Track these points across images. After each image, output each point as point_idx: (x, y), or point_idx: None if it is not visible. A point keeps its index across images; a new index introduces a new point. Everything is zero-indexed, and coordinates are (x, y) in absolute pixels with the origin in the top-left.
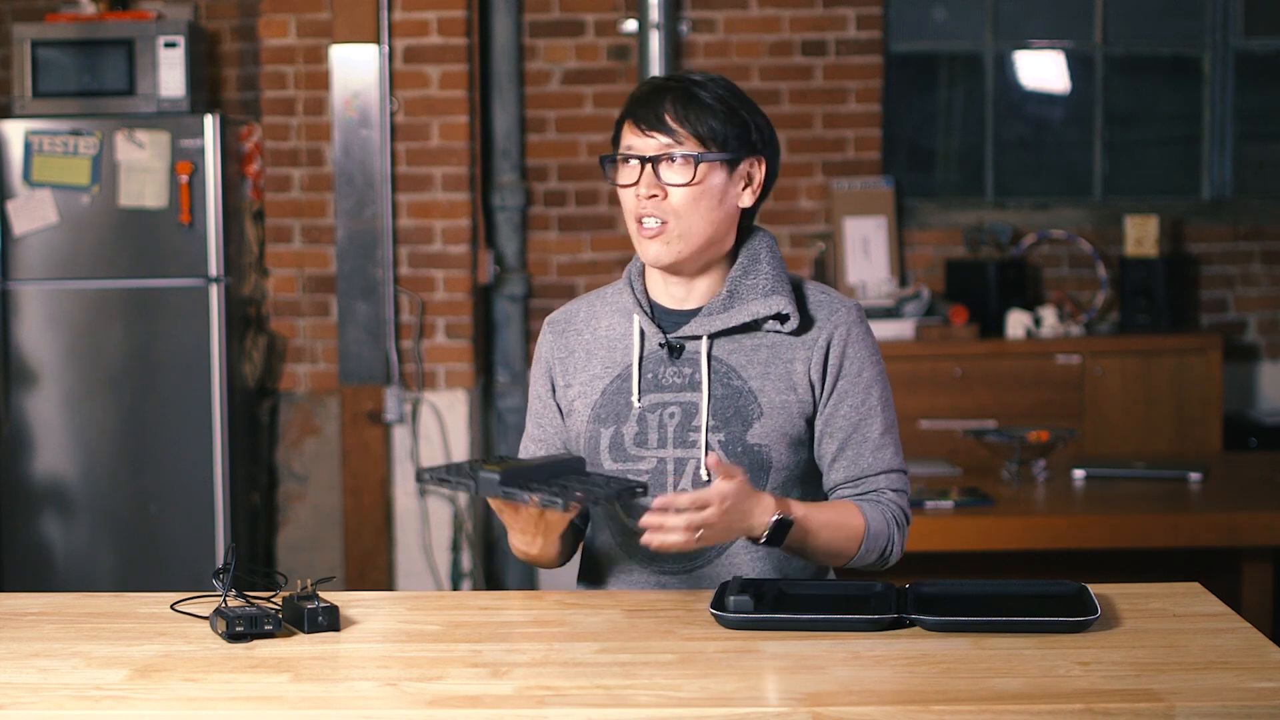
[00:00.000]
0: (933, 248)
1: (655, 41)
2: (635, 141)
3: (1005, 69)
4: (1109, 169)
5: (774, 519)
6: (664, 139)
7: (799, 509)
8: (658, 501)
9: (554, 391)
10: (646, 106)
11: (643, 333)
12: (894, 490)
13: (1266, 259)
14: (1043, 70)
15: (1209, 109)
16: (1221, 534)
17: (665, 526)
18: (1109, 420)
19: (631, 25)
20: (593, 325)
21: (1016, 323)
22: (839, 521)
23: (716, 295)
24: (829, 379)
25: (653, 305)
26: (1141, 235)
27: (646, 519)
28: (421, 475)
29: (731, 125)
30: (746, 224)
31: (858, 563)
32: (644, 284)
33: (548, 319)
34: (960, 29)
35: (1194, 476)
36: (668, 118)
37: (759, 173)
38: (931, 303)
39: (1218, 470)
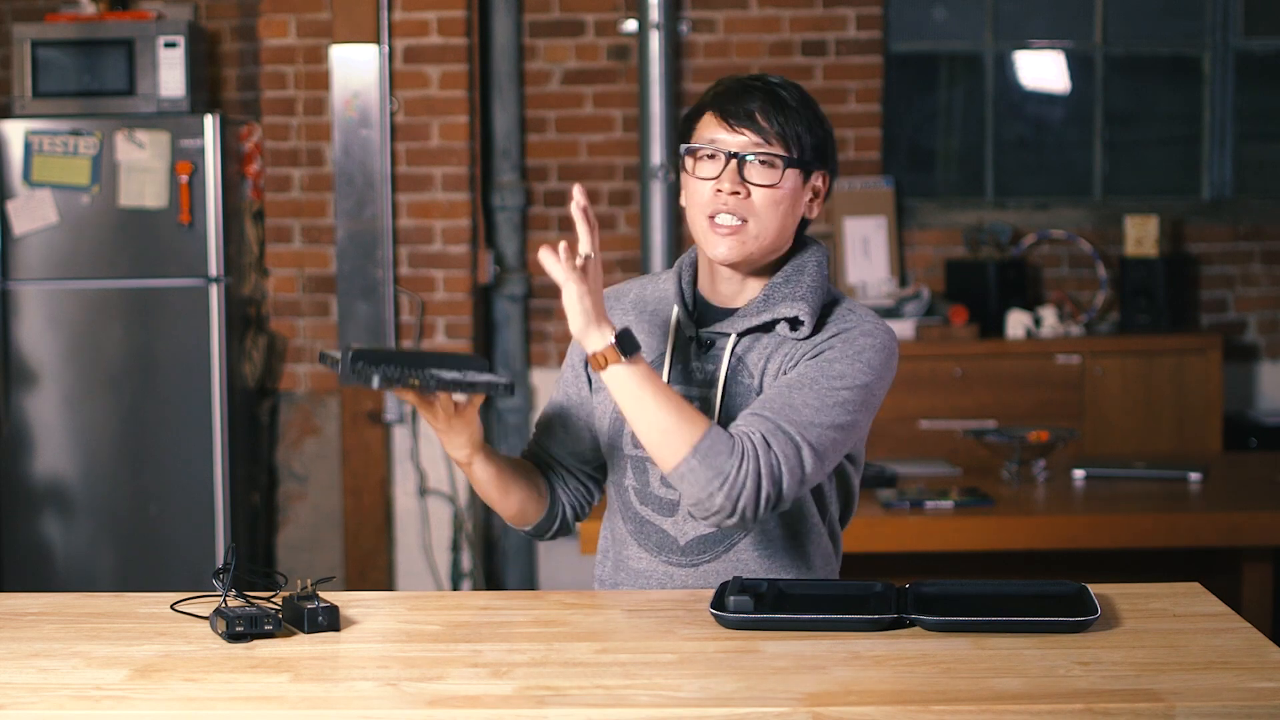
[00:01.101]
0: (933, 248)
1: (655, 41)
2: (722, 136)
3: (1005, 69)
4: (1109, 169)
5: (620, 327)
6: (754, 137)
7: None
8: (582, 202)
9: (587, 363)
10: (736, 102)
11: (679, 324)
12: (771, 439)
13: (1266, 259)
14: (1043, 70)
15: (1209, 109)
16: (1221, 534)
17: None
18: (1109, 420)
19: (631, 25)
20: (638, 309)
21: (1016, 323)
22: (679, 405)
23: (756, 298)
24: (797, 360)
25: (698, 299)
26: (1141, 235)
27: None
28: (320, 356)
29: (813, 134)
30: (800, 236)
31: (688, 480)
32: (693, 276)
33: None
34: (960, 29)
35: (1194, 476)
36: (758, 116)
37: (824, 187)
38: (931, 303)
39: (1218, 470)
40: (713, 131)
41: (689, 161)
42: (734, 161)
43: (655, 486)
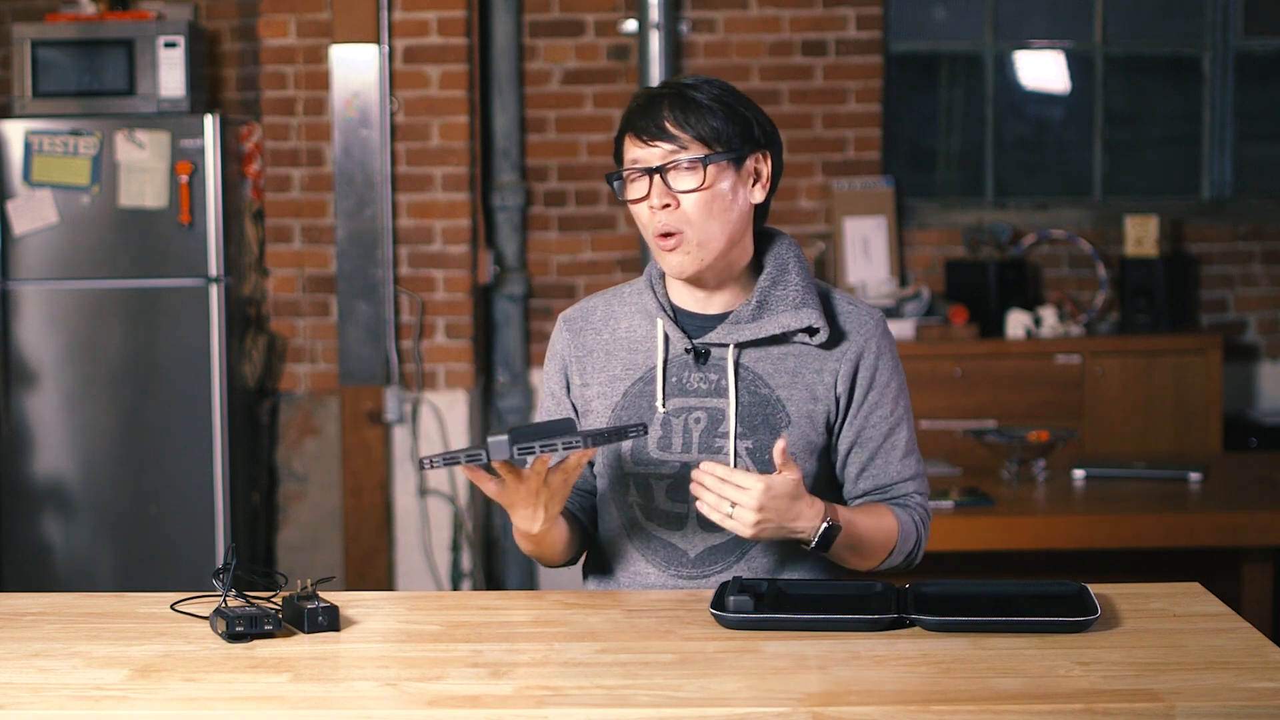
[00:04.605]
0: (933, 248)
1: (655, 41)
2: (639, 153)
3: (1005, 69)
4: (1109, 169)
5: (824, 524)
6: (668, 146)
7: (844, 514)
8: (704, 465)
9: (569, 389)
10: (644, 117)
11: (667, 337)
12: (920, 494)
13: (1266, 259)
14: (1043, 70)
15: (1209, 109)
16: (1221, 534)
17: (705, 488)
18: (1109, 420)
19: (631, 25)
20: (611, 325)
21: (1016, 323)
22: (877, 524)
23: (744, 303)
24: (859, 391)
25: (675, 309)
26: (1141, 235)
27: (694, 474)
28: (424, 462)
29: (732, 123)
30: (760, 226)
31: (887, 565)
32: (665, 287)
33: (563, 315)
34: (960, 29)
35: (1194, 476)
36: (668, 124)
37: (766, 167)
38: (931, 303)
39: (1218, 470)
40: (632, 152)
41: (620, 187)
42: (656, 176)
43: (661, 501)
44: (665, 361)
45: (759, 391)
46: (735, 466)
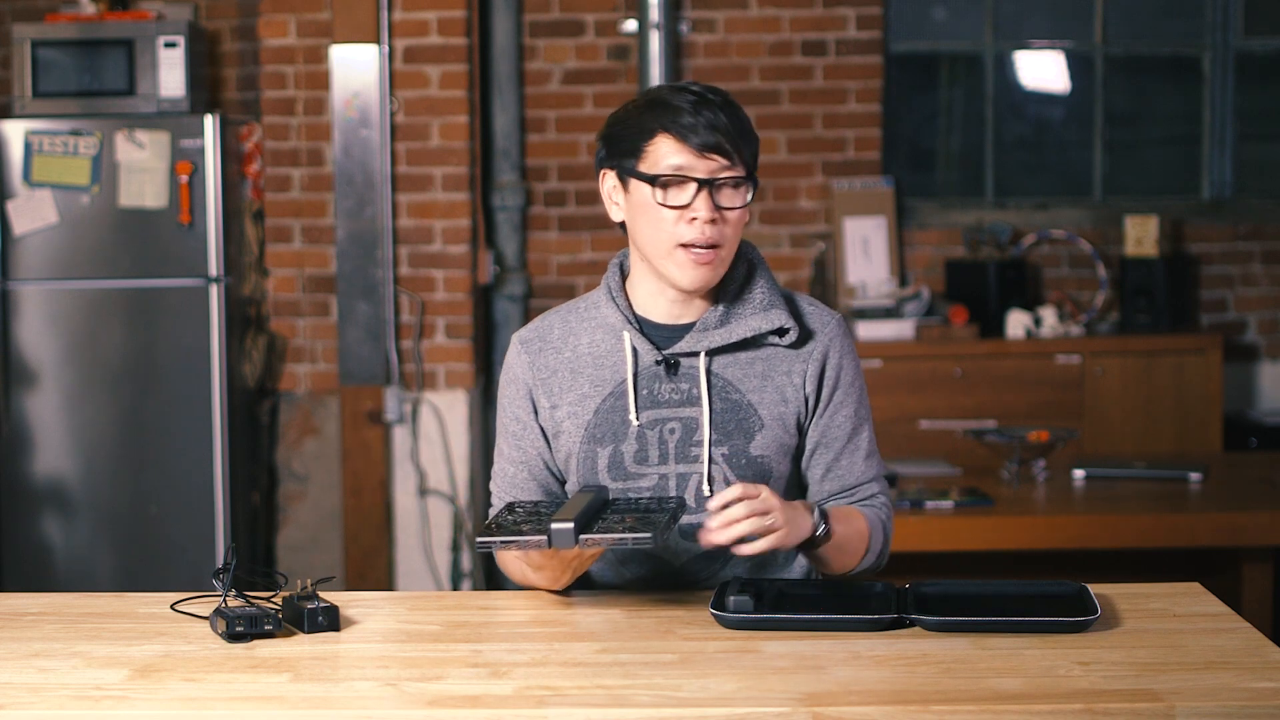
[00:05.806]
0: (933, 248)
1: (655, 41)
2: (691, 161)
3: (1005, 69)
4: (1109, 169)
5: (820, 525)
6: (722, 160)
7: (827, 510)
8: (715, 501)
9: (536, 413)
10: (697, 125)
11: (635, 350)
12: (884, 495)
13: (1266, 259)
14: (1043, 70)
15: (1209, 109)
16: (1221, 534)
17: (730, 519)
18: (1109, 420)
19: (631, 25)
20: (572, 343)
21: (1016, 323)
22: (853, 526)
23: (710, 309)
24: (825, 390)
25: (640, 320)
26: (1141, 235)
27: (714, 518)
28: (481, 545)
29: (755, 143)
30: None
31: (863, 567)
32: (627, 299)
33: (518, 337)
34: (960, 29)
35: (1194, 476)
36: (723, 139)
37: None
38: (931, 303)
39: (1218, 470)
40: (676, 156)
41: (651, 189)
42: (706, 189)
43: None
44: (635, 374)
45: (730, 397)
46: (710, 473)
